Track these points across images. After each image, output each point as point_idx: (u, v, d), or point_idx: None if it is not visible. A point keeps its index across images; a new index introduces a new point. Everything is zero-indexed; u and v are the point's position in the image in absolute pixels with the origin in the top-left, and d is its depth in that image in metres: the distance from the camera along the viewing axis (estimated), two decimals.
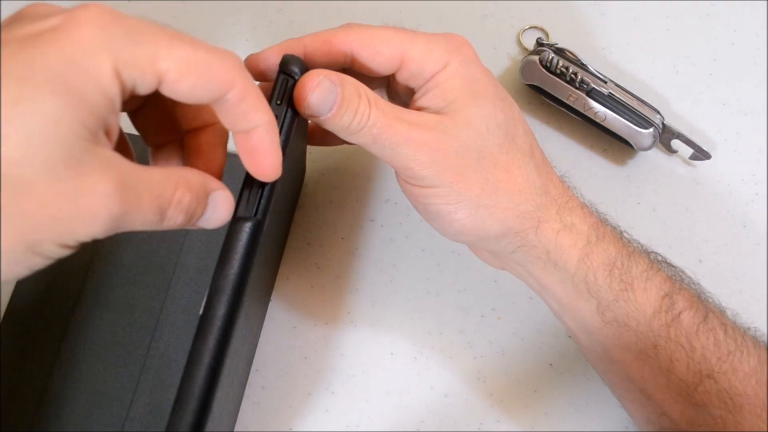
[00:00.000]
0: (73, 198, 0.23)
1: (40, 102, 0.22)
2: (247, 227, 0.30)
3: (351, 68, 0.34)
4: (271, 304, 0.43)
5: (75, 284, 0.41)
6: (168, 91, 0.25)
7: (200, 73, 0.25)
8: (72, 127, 0.22)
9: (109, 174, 0.23)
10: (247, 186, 0.30)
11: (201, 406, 0.28)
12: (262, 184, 0.30)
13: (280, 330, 0.42)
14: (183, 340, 0.40)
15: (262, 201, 0.30)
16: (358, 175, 0.46)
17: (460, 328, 0.43)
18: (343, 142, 0.40)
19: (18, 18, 0.25)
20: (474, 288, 0.44)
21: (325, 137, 0.40)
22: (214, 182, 0.28)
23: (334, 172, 0.47)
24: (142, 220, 0.25)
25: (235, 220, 0.30)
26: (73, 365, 0.40)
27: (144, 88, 0.25)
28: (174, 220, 0.26)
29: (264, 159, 0.28)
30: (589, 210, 0.36)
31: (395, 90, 0.36)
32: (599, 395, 0.41)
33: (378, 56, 0.34)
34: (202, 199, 0.27)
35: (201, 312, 0.29)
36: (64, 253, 0.24)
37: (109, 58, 0.23)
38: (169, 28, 0.26)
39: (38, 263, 0.24)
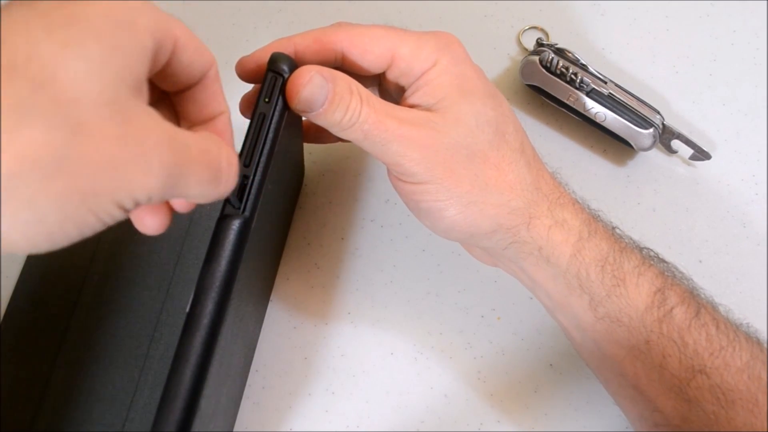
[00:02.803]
0: (125, 142, 0.22)
1: (86, 46, 0.21)
2: (234, 225, 0.29)
3: (342, 67, 0.34)
4: (270, 305, 0.43)
5: (75, 284, 0.41)
6: (175, 60, 0.26)
7: (197, 44, 0.27)
8: (117, 71, 0.22)
9: (156, 123, 0.23)
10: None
11: (188, 405, 0.28)
12: (251, 181, 0.30)
13: (280, 330, 0.42)
14: None
15: (250, 198, 0.30)
16: (358, 176, 0.46)
17: (460, 328, 0.43)
18: (338, 139, 0.40)
19: None
20: (474, 288, 0.44)
21: (319, 135, 0.40)
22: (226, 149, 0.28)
23: (334, 172, 0.47)
24: (197, 179, 0.24)
25: (222, 218, 0.30)
26: (73, 365, 0.40)
27: (163, 54, 0.25)
28: (229, 184, 0.26)
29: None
30: (581, 206, 0.36)
31: (386, 88, 0.37)
32: (599, 395, 0.41)
33: (368, 54, 0.34)
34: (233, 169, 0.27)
35: (187, 310, 0.29)
36: (119, 216, 0.23)
37: (146, 16, 0.24)
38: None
39: (91, 224, 0.22)
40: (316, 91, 0.31)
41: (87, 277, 0.42)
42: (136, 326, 0.41)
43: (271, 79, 0.31)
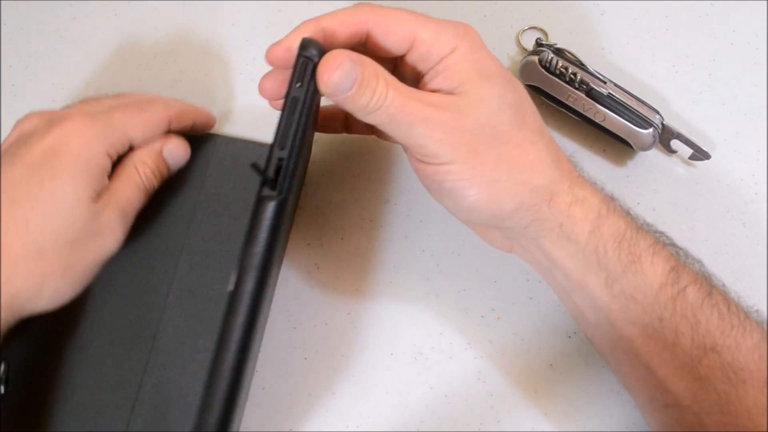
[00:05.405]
0: (97, 232, 0.36)
1: (61, 184, 0.35)
2: (271, 206, 0.31)
3: (364, 48, 0.35)
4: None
5: None
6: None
7: (151, 129, 0.39)
8: (85, 196, 0.35)
9: (114, 210, 0.37)
10: (270, 166, 0.32)
11: (233, 377, 0.30)
12: (285, 163, 0.32)
13: (280, 330, 0.42)
14: (191, 322, 0.40)
15: (285, 179, 0.32)
16: (357, 176, 0.46)
17: (460, 328, 0.43)
18: (344, 129, 0.41)
19: (19, 139, 0.36)
20: (474, 288, 0.44)
21: (328, 124, 0.42)
22: (160, 141, 0.40)
23: (334, 172, 0.47)
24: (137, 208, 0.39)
25: (260, 199, 0.31)
26: (80, 351, 0.40)
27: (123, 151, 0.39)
28: (152, 187, 0.40)
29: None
30: (598, 187, 0.37)
31: (402, 74, 0.37)
32: (599, 395, 0.41)
33: (391, 36, 0.35)
34: (161, 163, 0.40)
35: (231, 288, 0.31)
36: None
37: (102, 147, 0.36)
38: (130, 104, 0.40)
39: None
40: (345, 75, 0.32)
41: None
42: (143, 309, 0.40)
43: (302, 63, 0.33)
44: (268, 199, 0.31)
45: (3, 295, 0.33)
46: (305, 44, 0.33)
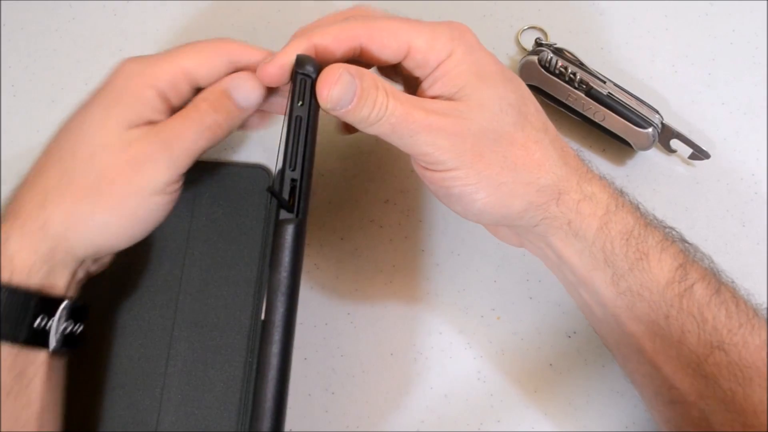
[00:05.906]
0: (133, 161, 0.34)
1: (90, 112, 0.35)
2: (290, 229, 0.31)
3: (359, 60, 0.35)
4: None
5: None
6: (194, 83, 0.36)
7: (212, 62, 0.36)
8: (115, 122, 0.34)
9: (154, 141, 0.34)
10: (284, 189, 0.32)
11: (278, 396, 0.31)
12: (299, 184, 0.32)
13: None
14: (200, 354, 0.40)
15: (301, 200, 0.32)
16: (357, 176, 0.46)
17: (460, 328, 0.43)
18: (344, 131, 0.41)
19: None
20: (474, 288, 0.44)
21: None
22: (226, 81, 0.36)
23: (333, 172, 0.47)
24: (203, 148, 0.36)
25: (279, 223, 0.31)
26: (91, 398, 0.39)
27: (186, 92, 0.36)
28: (215, 123, 0.36)
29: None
30: (607, 181, 0.37)
31: (398, 82, 0.37)
32: (599, 395, 0.41)
33: (385, 48, 0.34)
34: (224, 98, 0.35)
35: (263, 317, 0.30)
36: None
37: (143, 80, 0.35)
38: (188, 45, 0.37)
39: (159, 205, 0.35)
40: (345, 89, 0.32)
41: (92, 303, 0.41)
42: (150, 346, 0.40)
43: (301, 81, 0.32)
44: (286, 222, 0.31)
45: (48, 236, 0.33)
46: (301, 61, 0.32)
